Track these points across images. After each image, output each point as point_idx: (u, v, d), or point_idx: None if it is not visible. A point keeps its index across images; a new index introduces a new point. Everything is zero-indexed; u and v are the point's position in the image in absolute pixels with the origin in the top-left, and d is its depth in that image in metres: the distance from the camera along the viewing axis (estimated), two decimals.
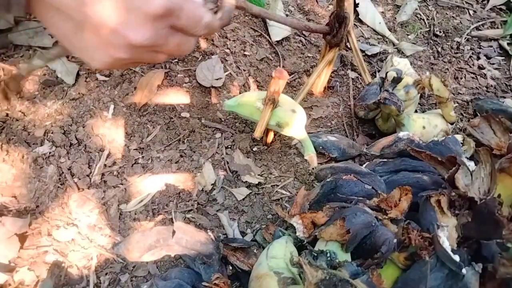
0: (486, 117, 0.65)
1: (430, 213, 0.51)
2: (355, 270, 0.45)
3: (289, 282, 0.48)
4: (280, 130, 0.69)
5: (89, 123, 0.76)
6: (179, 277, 0.54)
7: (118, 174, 0.72)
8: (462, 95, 0.94)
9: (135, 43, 0.31)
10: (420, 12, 1.10)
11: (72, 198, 0.68)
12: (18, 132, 0.73)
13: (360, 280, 0.43)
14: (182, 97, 0.82)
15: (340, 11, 0.70)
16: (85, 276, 0.62)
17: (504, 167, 0.55)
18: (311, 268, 0.43)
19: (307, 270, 0.42)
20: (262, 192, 0.73)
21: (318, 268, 0.42)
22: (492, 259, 0.48)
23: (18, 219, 0.64)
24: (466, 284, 0.46)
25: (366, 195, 0.57)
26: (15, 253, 0.61)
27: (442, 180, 0.58)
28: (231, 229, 0.68)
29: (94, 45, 0.32)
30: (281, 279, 0.48)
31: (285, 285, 0.47)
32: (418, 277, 0.47)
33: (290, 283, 0.48)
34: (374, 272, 0.45)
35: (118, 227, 0.67)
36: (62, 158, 0.72)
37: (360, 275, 0.44)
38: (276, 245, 0.55)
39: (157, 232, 0.54)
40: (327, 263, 0.47)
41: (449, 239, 0.48)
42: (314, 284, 0.41)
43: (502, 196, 0.51)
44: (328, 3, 1.07)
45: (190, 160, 0.75)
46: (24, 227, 0.64)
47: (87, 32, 0.31)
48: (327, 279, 0.41)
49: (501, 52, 1.04)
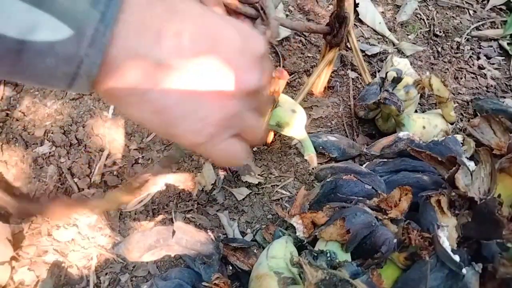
0: (486, 117, 0.65)
1: (430, 213, 0.51)
2: (355, 270, 0.45)
3: (289, 282, 0.48)
4: (280, 130, 0.69)
5: (89, 123, 0.76)
6: (179, 277, 0.54)
7: (118, 174, 0.72)
8: (462, 95, 0.94)
9: (249, 87, 0.28)
10: (420, 12, 1.10)
11: (72, 198, 0.68)
12: (18, 132, 0.73)
13: (360, 280, 0.43)
14: None
15: (340, 11, 0.70)
16: (85, 276, 0.62)
17: (504, 167, 0.55)
18: (311, 268, 0.43)
19: (307, 270, 0.42)
20: (262, 192, 0.73)
21: (318, 268, 0.42)
22: (492, 259, 0.48)
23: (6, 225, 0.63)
24: (466, 284, 0.46)
25: (366, 195, 0.57)
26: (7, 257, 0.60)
27: (442, 180, 0.58)
28: (231, 229, 0.68)
29: (201, 105, 0.26)
30: (281, 279, 0.48)
31: (285, 285, 0.47)
32: (418, 277, 0.47)
33: (290, 283, 0.48)
34: (374, 272, 0.45)
35: (118, 227, 0.67)
36: (62, 158, 0.72)
37: (360, 275, 0.44)
38: (276, 245, 0.55)
39: (157, 232, 0.54)
40: (327, 263, 0.47)
41: (449, 239, 0.48)
42: (314, 284, 0.41)
43: (502, 196, 0.51)
44: (328, 3, 1.07)
45: (190, 160, 0.75)
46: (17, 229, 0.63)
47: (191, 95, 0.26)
48: (327, 279, 0.41)
49: (501, 52, 1.04)
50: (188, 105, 0.26)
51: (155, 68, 0.24)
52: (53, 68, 0.22)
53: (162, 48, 0.24)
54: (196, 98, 0.26)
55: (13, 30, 0.20)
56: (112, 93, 0.26)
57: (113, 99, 0.26)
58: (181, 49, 0.25)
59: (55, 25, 0.21)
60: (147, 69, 0.24)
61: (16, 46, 0.21)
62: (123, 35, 0.23)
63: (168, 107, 0.26)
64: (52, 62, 0.22)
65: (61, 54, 0.22)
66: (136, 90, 0.25)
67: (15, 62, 0.22)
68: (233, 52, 0.27)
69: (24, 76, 0.23)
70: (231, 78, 0.27)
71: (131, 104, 0.26)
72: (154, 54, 0.24)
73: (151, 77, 0.25)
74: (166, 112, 0.26)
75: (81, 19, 0.21)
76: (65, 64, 0.22)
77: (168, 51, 0.24)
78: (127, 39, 0.23)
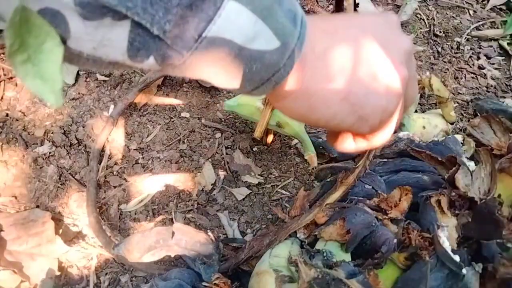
0: (486, 117, 0.65)
1: (430, 213, 0.51)
2: (352, 270, 0.45)
3: (286, 280, 0.48)
4: (280, 130, 0.69)
5: (89, 123, 0.76)
6: (179, 277, 0.54)
7: (118, 174, 0.72)
8: (462, 95, 0.94)
9: (409, 49, 0.31)
10: (420, 12, 1.10)
11: (72, 198, 0.68)
12: (18, 132, 0.73)
13: (356, 280, 0.43)
14: (182, 97, 0.82)
15: (340, 11, 0.70)
16: (85, 276, 0.62)
17: (504, 167, 0.55)
18: (305, 266, 0.43)
19: (302, 268, 0.42)
20: (262, 192, 0.73)
21: (312, 267, 0.42)
22: (492, 259, 0.48)
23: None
24: (466, 284, 0.46)
25: (366, 195, 0.57)
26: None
27: (442, 180, 0.58)
28: (231, 229, 0.68)
29: (380, 78, 0.29)
30: (278, 276, 0.48)
31: (282, 283, 0.47)
32: (418, 277, 0.47)
33: (287, 281, 0.48)
34: (370, 272, 0.45)
35: (118, 227, 0.67)
36: (62, 158, 0.72)
37: (357, 275, 0.44)
38: (281, 245, 0.55)
39: (157, 232, 0.54)
40: (323, 262, 0.47)
41: (449, 239, 0.48)
42: (307, 282, 0.41)
43: (502, 196, 0.51)
44: (328, 3, 1.07)
45: (190, 160, 0.75)
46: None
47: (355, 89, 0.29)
48: (320, 278, 0.41)
49: (501, 52, 1.04)
50: (369, 81, 0.28)
51: (337, 60, 0.27)
52: (255, 73, 0.25)
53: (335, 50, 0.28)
54: (374, 73, 0.28)
55: (240, 38, 0.23)
56: (297, 97, 0.28)
57: (298, 105, 0.29)
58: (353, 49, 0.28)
59: (270, 38, 0.24)
60: (330, 62, 0.27)
61: (236, 51, 0.23)
62: (311, 47, 0.26)
63: (353, 90, 0.28)
64: (258, 68, 0.24)
65: (267, 62, 0.24)
66: (321, 85, 0.28)
67: (228, 64, 0.24)
68: (386, 30, 0.30)
69: (226, 77, 0.25)
70: (393, 48, 0.29)
71: (319, 102, 0.28)
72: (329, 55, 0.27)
73: (333, 69, 0.28)
74: (352, 95, 0.28)
75: (288, 35, 0.24)
76: (266, 70, 0.25)
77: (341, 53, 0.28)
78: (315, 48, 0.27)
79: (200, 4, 0.21)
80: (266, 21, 0.23)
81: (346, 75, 0.28)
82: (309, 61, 0.27)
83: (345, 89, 0.28)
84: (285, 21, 0.24)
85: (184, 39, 0.22)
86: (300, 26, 0.25)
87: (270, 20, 0.23)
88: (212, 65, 0.24)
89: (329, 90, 0.28)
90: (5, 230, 0.62)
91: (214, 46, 0.22)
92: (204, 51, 0.22)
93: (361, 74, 0.28)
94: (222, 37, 0.22)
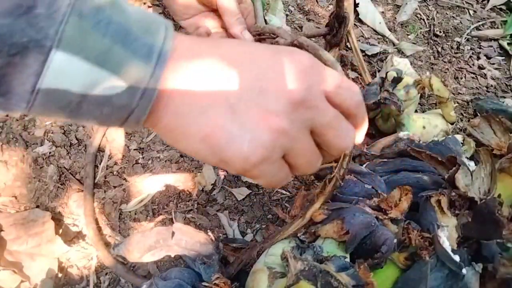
0: (486, 117, 0.65)
1: (430, 213, 0.51)
2: (343, 264, 0.45)
3: (278, 276, 0.48)
4: None
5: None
6: (179, 277, 0.54)
7: (118, 174, 0.72)
8: (462, 95, 0.94)
9: (296, 99, 0.27)
10: (420, 12, 1.10)
11: (72, 198, 0.68)
12: (18, 132, 0.73)
13: (345, 273, 0.43)
14: None
15: (340, 11, 0.70)
16: (85, 276, 0.62)
17: (504, 167, 0.55)
18: (294, 260, 0.43)
19: (291, 262, 0.43)
20: (262, 192, 0.73)
21: (300, 260, 0.43)
22: (492, 259, 0.48)
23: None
24: (466, 284, 0.46)
25: (366, 195, 0.57)
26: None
27: (442, 180, 0.58)
28: (231, 229, 0.68)
29: (246, 126, 0.27)
30: (271, 273, 0.48)
31: (274, 279, 0.48)
32: (418, 277, 0.47)
33: (279, 277, 0.48)
34: (361, 266, 0.45)
35: (118, 227, 0.67)
36: (62, 158, 0.72)
37: (348, 269, 0.44)
38: (278, 244, 0.55)
39: (157, 232, 0.54)
40: (313, 257, 0.47)
41: (449, 239, 0.48)
42: (295, 275, 0.41)
43: (502, 196, 0.51)
44: (328, 3, 1.07)
45: (190, 160, 0.75)
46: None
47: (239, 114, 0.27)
48: (306, 270, 0.41)
49: (501, 52, 1.04)
50: (233, 127, 0.27)
51: (200, 98, 0.27)
52: (108, 115, 0.25)
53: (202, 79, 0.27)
54: (241, 119, 0.27)
55: (76, 87, 0.23)
56: (160, 129, 0.28)
57: (162, 135, 0.29)
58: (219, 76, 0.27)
59: (113, 81, 0.24)
60: (191, 100, 0.27)
61: (79, 98, 0.24)
62: (170, 83, 0.26)
63: (213, 133, 0.27)
64: (108, 111, 0.25)
65: (116, 105, 0.25)
66: (182, 121, 0.27)
67: (75, 110, 0.24)
68: (271, 69, 0.28)
69: (81, 120, 0.26)
70: (272, 94, 0.27)
71: (180, 137, 0.28)
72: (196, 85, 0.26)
73: (195, 107, 0.27)
74: (212, 137, 0.27)
75: (135, 75, 0.24)
76: (119, 112, 0.25)
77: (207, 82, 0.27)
78: (175, 84, 0.26)
79: (24, 60, 0.21)
80: (105, 66, 0.23)
81: (208, 117, 0.27)
82: (172, 96, 0.26)
83: (204, 130, 0.27)
84: (131, 61, 0.24)
85: (18, 94, 0.22)
86: (157, 61, 0.24)
87: (110, 64, 0.23)
88: (61, 112, 0.24)
89: (188, 129, 0.27)
90: (5, 230, 0.62)
91: (53, 96, 0.23)
92: (45, 102, 0.23)
93: (224, 119, 0.27)
94: (56, 88, 0.22)
